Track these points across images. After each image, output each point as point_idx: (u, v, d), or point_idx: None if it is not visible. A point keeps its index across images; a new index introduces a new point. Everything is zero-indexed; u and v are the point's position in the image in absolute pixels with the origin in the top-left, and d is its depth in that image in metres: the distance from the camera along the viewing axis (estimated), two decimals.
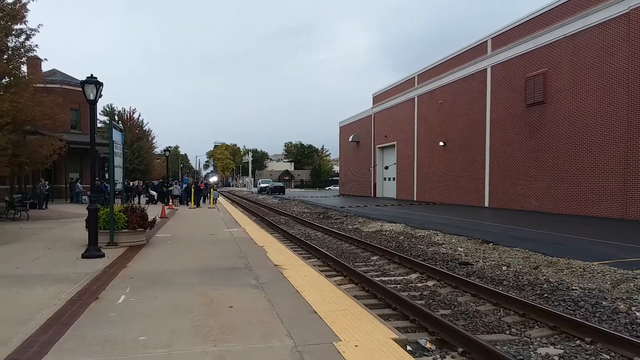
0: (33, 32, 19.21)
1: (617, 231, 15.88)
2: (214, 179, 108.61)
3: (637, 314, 6.87)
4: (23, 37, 19.15)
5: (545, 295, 8.11)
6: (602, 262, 10.08)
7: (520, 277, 9.39)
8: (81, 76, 10.96)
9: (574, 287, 8.41)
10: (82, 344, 4.82)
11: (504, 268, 10.30)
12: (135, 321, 5.60)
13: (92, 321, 5.61)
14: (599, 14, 20.87)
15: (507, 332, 6.43)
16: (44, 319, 5.69)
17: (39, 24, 19.45)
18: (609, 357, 5.47)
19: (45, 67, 29.22)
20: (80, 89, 10.90)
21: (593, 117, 21.23)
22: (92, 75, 10.70)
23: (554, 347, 5.81)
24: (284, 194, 60.42)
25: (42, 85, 24.18)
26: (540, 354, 5.58)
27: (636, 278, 8.60)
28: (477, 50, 30.32)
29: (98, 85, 10.68)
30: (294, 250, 12.33)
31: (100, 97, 10.95)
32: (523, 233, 15.40)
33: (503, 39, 27.69)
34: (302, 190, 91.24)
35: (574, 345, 5.86)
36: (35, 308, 6.14)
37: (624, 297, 7.65)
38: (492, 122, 28.45)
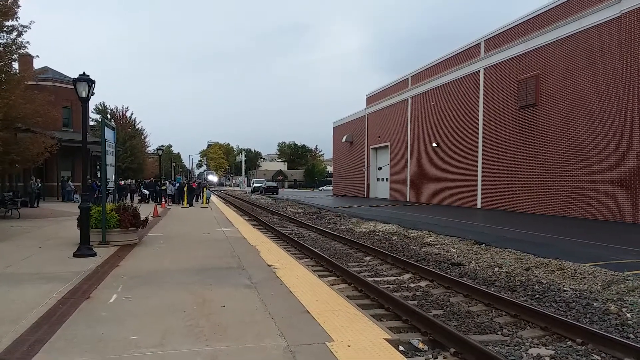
0: (25, 29, 19.09)
1: (609, 233, 16.00)
2: (212, 176, 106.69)
3: (628, 315, 6.92)
4: (15, 33, 19.02)
5: (537, 296, 8.16)
6: (593, 264, 10.15)
7: (512, 278, 9.44)
8: (73, 74, 10.90)
9: (565, 289, 8.46)
10: (73, 344, 4.79)
11: (496, 269, 10.34)
12: (127, 321, 5.57)
13: (84, 320, 5.57)
14: (591, 17, 21.02)
15: (499, 332, 6.45)
16: (34, 318, 5.65)
17: (31, 21, 19.35)
18: (599, 358, 5.51)
19: (37, 64, 29.08)
20: (73, 87, 10.82)
21: (585, 119, 21.38)
22: (84, 73, 10.63)
23: (546, 348, 5.84)
24: (277, 193, 60.32)
25: (34, 82, 24.04)
26: (531, 354, 5.61)
27: (627, 279, 8.66)
28: (470, 52, 30.44)
29: (90, 83, 10.61)
30: (287, 250, 12.32)
31: (92, 95, 10.89)
32: (515, 234, 15.48)
33: (496, 41, 27.82)
34: (296, 190, 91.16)
35: (565, 346, 5.89)
36: (26, 307, 6.09)
37: (614, 298, 7.71)
38: (485, 124, 28.58)
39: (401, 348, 5.42)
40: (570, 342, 5.97)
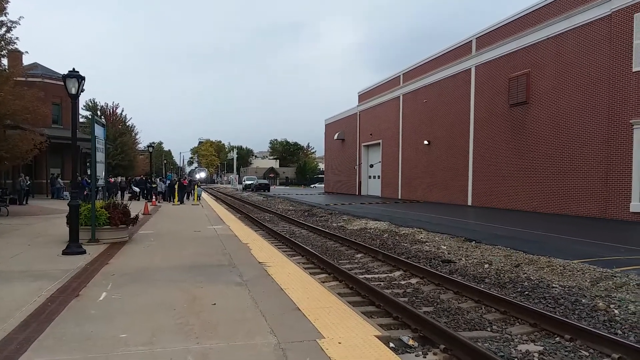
0: (14, 25, 18.92)
1: (598, 230, 16.16)
2: (201, 174, 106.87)
3: (616, 311, 6.99)
4: (3, 29, 18.83)
5: (526, 292, 8.22)
6: (582, 261, 10.24)
7: (501, 275, 9.50)
8: (63, 70, 10.77)
9: (554, 285, 8.53)
10: (62, 342, 4.76)
11: (486, 266, 10.40)
12: (117, 318, 5.53)
13: (73, 318, 5.53)
14: (581, 15, 21.17)
15: (489, 329, 6.49)
16: (23, 316, 5.60)
17: (20, 17, 19.20)
18: (587, 354, 5.56)
19: (26, 60, 28.81)
20: (62, 83, 10.71)
21: (575, 117, 21.55)
22: (74, 69, 10.53)
23: (534, 344, 5.89)
24: (269, 191, 60.26)
25: (23, 78, 23.79)
26: (520, 350, 5.65)
27: (615, 276, 8.75)
28: (462, 50, 30.53)
29: (80, 79, 10.52)
30: (279, 248, 12.31)
31: (82, 91, 10.79)
32: (505, 231, 15.58)
33: (488, 39, 27.93)
34: (287, 187, 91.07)
35: (553, 342, 5.94)
36: (14, 305, 6.03)
37: (602, 295, 7.79)
38: (476, 122, 28.71)
39: (392, 345, 5.44)
40: (558, 338, 6.03)
